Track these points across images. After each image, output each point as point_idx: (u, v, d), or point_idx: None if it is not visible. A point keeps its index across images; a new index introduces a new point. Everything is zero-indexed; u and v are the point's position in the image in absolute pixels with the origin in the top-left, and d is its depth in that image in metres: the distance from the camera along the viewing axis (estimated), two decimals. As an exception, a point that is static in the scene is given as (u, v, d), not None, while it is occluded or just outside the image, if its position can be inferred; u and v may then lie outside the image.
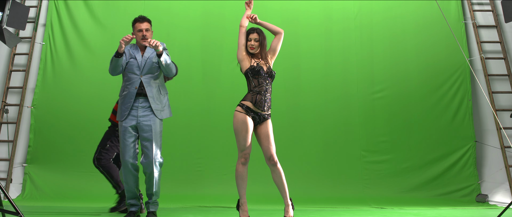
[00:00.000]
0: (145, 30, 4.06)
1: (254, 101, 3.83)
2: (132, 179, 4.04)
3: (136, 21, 4.11)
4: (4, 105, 6.54)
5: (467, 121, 6.56)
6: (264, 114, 3.85)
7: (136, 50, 4.10)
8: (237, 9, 6.90)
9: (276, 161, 3.81)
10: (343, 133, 6.62)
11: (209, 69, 6.76)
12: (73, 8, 6.80)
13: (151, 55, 4.07)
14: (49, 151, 6.38)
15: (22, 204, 5.59)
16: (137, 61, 4.04)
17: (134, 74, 4.02)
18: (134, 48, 4.12)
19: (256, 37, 3.95)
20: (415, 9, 6.89)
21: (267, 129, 3.85)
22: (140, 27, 4.07)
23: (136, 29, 4.09)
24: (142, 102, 4.01)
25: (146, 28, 4.07)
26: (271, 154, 3.81)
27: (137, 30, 4.07)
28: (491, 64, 6.79)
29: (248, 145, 3.82)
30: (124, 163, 4.01)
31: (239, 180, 3.85)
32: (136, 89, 3.99)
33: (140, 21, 4.09)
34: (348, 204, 5.84)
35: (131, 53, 4.07)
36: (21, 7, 4.48)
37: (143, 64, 4.03)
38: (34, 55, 6.74)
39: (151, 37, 4.10)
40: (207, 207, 5.58)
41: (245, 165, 3.84)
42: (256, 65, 3.89)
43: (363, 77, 6.74)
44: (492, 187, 6.37)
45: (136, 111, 4.00)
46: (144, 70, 4.03)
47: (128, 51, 4.08)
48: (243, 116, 3.82)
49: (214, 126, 6.59)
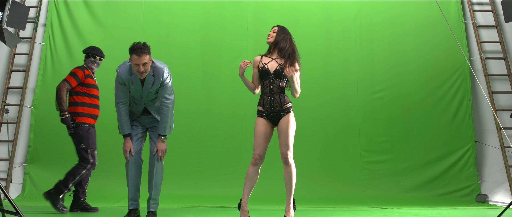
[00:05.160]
0: (142, 65, 3.72)
1: (262, 104, 3.87)
2: (135, 171, 4.04)
3: (133, 52, 3.72)
4: (4, 105, 6.54)
5: (467, 121, 6.56)
6: (278, 110, 3.86)
7: (136, 78, 3.89)
8: (237, 9, 6.93)
9: (288, 160, 3.81)
10: (343, 133, 6.62)
11: (209, 70, 6.76)
12: (73, 8, 6.80)
13: (151, 88, 3.92)
14: (49, 151, 6.38)
15: (22, 204, 5.59)
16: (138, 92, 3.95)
17: (137, 99, 4.01)
18: (134, 76, 3.90)
19: (275, 29, 3.97)
20: (415, 9, 6.90)
21: (284, 126, 3.85)
22: (137, 62, 3.71)
23: (133, 61, 3.73)
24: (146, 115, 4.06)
25: (144, 62, 3.72)
26: (283, 152, 3.82)
27: (134, 64, 3.74)
28: (491, 64, 6.79)
29: (260, 147, 3.83)
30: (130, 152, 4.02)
31: (246, 180, 3.87)
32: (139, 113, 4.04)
33: (137, 54, 3.70)
34: (348, 204, 5.84)
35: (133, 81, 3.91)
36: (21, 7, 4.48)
37: (145, 95, 3.98)
38: (34, 55, 6.74)
39: (148, 71, 3.81)
40: (207, 207, 5.57)
41: (256, 166, 3.85)
42: (262, 67, 3.88)
43: (363, 77, 6.74)
44: (492, 187, 6.37)
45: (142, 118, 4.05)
46: (146, 99, 4.01)
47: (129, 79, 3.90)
48: (258, 119, 3.91)
49: (214, 126, 6.59)
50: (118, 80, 3.92)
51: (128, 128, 3.98)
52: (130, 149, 3.97)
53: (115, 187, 6.04)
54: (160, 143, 3.98)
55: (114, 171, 6.15)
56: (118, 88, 3.94)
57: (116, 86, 3.94)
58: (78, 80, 4.76)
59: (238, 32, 6.81)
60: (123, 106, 3.96)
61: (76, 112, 4.75)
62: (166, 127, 3.95)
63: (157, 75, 3.89)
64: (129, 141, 3.98)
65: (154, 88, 3.91)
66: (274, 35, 3.96)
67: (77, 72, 4.78)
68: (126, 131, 3.97)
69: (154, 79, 3.89)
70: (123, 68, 3.91)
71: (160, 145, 3.98)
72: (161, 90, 3.92)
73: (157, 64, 3.91)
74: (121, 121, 3.97)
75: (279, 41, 3.93)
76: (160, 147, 3.98)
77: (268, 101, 3.85)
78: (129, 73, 3.89)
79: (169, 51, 6.69)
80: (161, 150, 3.99)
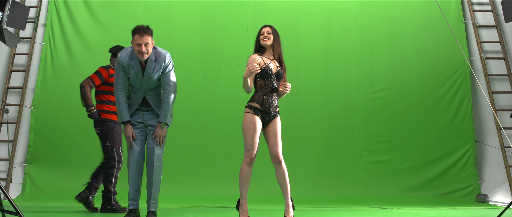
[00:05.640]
0: (144, 45, 3.77)
1: (261, 102, 3.84)
2: (136, 171, 4.03)
3: (135, 32, 3.79)
4: (4, 105, 6.54)
5: (467, 121, 6.56)
6: (272, 112, 3.86)
7: (137, 63, 3.90)
8: (237, 9, 6.93)
9: (281, 159, 3.81)
10: (343, 133, 6.62)
11: (209, 70, 6.76)
12: (73, 8, 6.80)
13: (153, 73, 3.92)
14: (49, 151, 6.38)
15: (22, 204, 5.59)
16: (138, 79, 3.94)
17: (136, 88, 4.00)
18: (135, 61, 3.91)
19: (269, 30, 3.95)
20: (415, 9, 6.90)
21: (275, 127, 3.85)
22: (139, 41, 3.76)
23: (134, 41, 3.79)
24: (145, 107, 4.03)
25: (146, 42, 3.77)
26: (276, 152, 3.81)
27: (136, 44, 3.78)
28: (491, 64, 6.79)
29: (254, 145, 3.82)
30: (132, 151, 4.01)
31: (243, 180, 3.84)
32: (139, 104, 4.00)
33: (140, 34, 3.76)
34: (348, 204, 5.84)
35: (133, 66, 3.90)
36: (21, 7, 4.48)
37: (145, 82, 3.97)
38: (34, 55, 6.74)
39: (150, 52, 3.84)
40: (207, 207, 5.57)
41: (250, 165, 3.83)
42: (265, 67, 3.88)
43: (363, 77, 6.74)
44: (492, 187, 6.37)
45: (142, 114, 4.02)
46: (146, 87, 4.00)
47: (130, 65, 3.90)
48: (251, 116, 3.83)
49: (214, 126, 6.59)
50: (118, 67, 3.92)
51: (127, 115, 3.96)
52: (132, 134, 3.95)
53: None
54: (159, 129, 3.95)
55: (114, 171, 6.14)
56: (118, 75, 3.94)
57: (116, 73, 3.95)
58: (102, 79, 4.82)
59: (238, 32, 6.81)
60: (121, 92, 3.95)
61: (101, 109, 4.80)
62: (167, 115, 3.94)
63: (159, 60, 3.89)
64: (130, 127, 3.96)
65: (155, 74, 3.90)
66: (272, 38, 3.96)
67: (102, 71, 4.84)
68: (125, 117, 3.96)
69: (155, 65, 3.89)
70: (124, 53, 3.91)
71: (159, 130, 3.95)
72: (163, 77, 3.92)
73: (159, 50, 3.93)
74: (120, 108, 3.97)
75: (276, 44, 3.95)
76: (159, 132, 3.96)
77: (268, 101, 3.84)
78: (130, 58, 3.88)
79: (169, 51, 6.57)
80: (160, 135, 3.96)
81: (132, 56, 3.88)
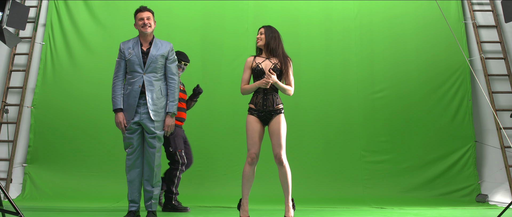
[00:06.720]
0: (146, 18, 4.05)
1: (255, 102, 3.86)
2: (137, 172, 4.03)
3: (137, 11, 4.11)
4: (4, 105, 6.54)
5: (467, 121, 6.56)
6: (270, 110, 3.86)
7: (137, 45, 4.05)
8: (237, 9, 6.92)
9: (282, 160, 3.80)
10: (343, 133, 6.62)
11: (209, 69, 6.76)
12: (73, 8, 6.79)
13: (157, 52, 4.04)
14: (49, 151, 6.38)
15: (22, 204, 5.59)
16: (137, 58, 4.00)
17: (136, 71, 4.01)
18: (135, 43, 4.07)
19: (262, 31, 3.98)
20: (415, 9, 6.89)
21: (276, 126, 3.84)
22: (141, 16, 4.07)
23: (137, 18, 4.08)
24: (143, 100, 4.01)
25: (148, 16, 4.06)
26: (277, 152, 3.81)
27: (138, 19, 4.07)
28: (491, 64, 6.79)
29: (255, 145, 3.82)
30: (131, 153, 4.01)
31: (244, 180, 3.85)
32: (139, 88, 3.98)
33: (141, 11, 4.09)
34: (348, 204, 5.84)
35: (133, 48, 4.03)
36: (21, 7, 4.48)
37: (148, 62, 4.01)
38: (34, 55, 6.74)
39: (153, 27, 4.09)
40: (207, 207, 5.58)
41: (252, 165, 3.84)
42: (256, 67, 3.90)
43: (363, 77, 6.74)
44: (492, 187, 6.37)
45: (139, 108, 4.02)
46: (147, 69, 4.01)
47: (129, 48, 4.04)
48: (249, 116, 3.89)
49: (214, 126, 6.59)
50: (119, 56, 4.09)
51: (120, 103, 4.04)
52: (123, 121, 4.02)
53: (115, 187, 6.04)
54: (168, 118, 4.08)
55: (114, 171, 6.15)
56: (117, 67, 4.09)
57: (116, 65, 4.10)
58: None
59: (238, 32, 6.80)
60: (117, 80, 4.07)
61: None
62: (174, 104, 4.07)
63: (164, 43, 4.15)
64: (121, 114, 4.03)
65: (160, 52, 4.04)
66: (263, 37, 3.98)
67: None
68: (118, 105, 4.04)
69: (161, 44, 4.10)
70: (126, 41, 4.15)
71: (168, 120, 4.08)
72: (169, 64, 4.09)
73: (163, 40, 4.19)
74: (114, 95, 4.05)
75: (269, 41, 3.96)
76: (168, 122, 4.08)
77: (260, 100, 3.86)
78: (130, 43, 4.08)
79: (169, 51, 6.68)
80: (168, 125, 4.09)
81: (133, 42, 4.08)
